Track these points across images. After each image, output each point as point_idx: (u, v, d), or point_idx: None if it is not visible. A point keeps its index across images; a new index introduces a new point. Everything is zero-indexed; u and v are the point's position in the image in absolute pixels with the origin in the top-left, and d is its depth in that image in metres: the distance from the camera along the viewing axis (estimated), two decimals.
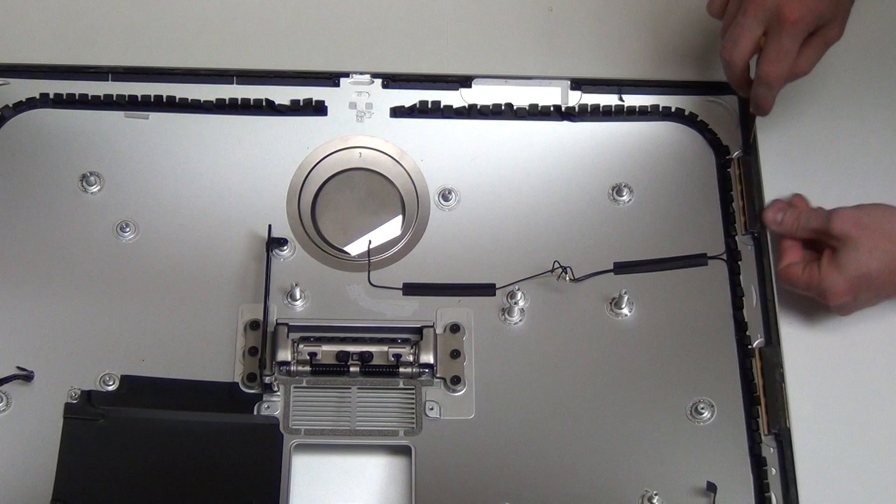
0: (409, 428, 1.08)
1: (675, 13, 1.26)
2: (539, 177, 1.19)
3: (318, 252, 1.16)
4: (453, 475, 1.07)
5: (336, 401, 1.09)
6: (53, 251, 1.14)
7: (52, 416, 1.07)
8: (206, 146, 1.19)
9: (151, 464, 1.06)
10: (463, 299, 1.13)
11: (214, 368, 1.10)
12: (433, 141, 1.20)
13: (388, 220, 1.18)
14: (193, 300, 1.12)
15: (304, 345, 1.10)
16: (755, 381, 1.10)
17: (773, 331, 1.12)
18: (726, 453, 1.08)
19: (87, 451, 1.06)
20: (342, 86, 1.21)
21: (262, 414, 1.08)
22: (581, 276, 1.13)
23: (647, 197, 1.18)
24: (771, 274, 1.14)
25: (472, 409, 1.09)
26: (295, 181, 1.18)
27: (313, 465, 1.07)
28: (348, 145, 1.20)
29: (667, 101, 1.21)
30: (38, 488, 1.04)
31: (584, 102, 1.21)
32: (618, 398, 1.10)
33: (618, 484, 1.07)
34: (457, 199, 1.18)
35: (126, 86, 1.20)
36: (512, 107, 1.21)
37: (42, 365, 1.09)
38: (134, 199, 1.16)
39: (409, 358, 1.10)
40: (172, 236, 1.15)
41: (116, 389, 1.09)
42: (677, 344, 1.12)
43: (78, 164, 1.17)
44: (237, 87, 1.21)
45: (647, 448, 1.08)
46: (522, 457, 1.07)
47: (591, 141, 1.20)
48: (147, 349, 1.10)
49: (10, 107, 1.19)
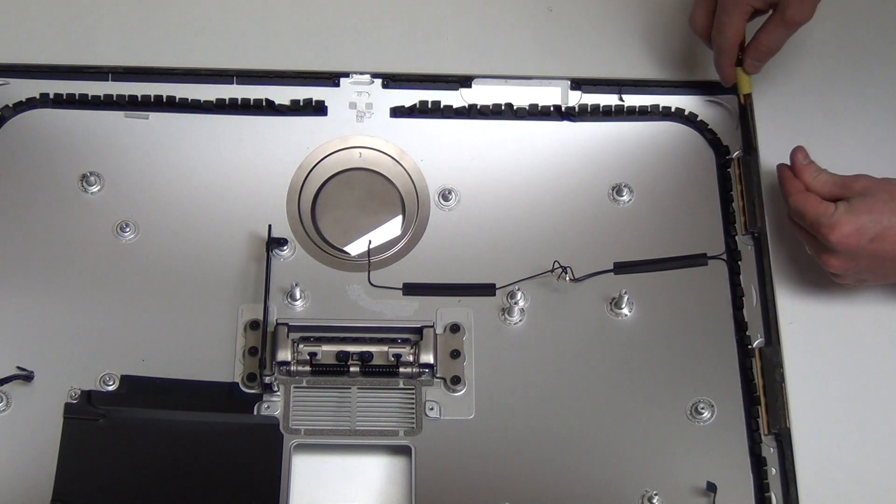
0: (409, 428, 1.08)
1: (675, 13, 1.26)
2: (539, 177, 1.19)
3: (318, 252, 1.16)
4: (453, 475, 1.07)
5: (336, 401, 1.09)
6: (53, 251, 1.14)
7: (52, 416, 1.07)
8: (206, 146, 1.19)
9: (151, 464, 1.06)
10: (463, 299, 1.13)
11: (214, 368, 1.10)
12: (433, 141, 1.20)
13: (388, 220, 1.18)
14: (193, 300, 1.12)
15: (304, 345, 1.10)
16: (755, 381, 1.10)
17: (773, 331, 1.12)
18: (726, 453, 1.08)
19: (87, 451, 1.06)
20: (342, 86, 1.21)
21: (262, 414, 1.08)
22: (581, 276, 1.13)
23: (647, 197, 1.18)
24: (771, 274, 1.14)
25: (472, 409, 1.09)
26: (295, 181, 1.18)
27: (313, 465, 1.08)
28: (348, 145, 1.20)
29: (667, 101, 1.21)
30: (38, 488, 1.04)
31: (584, 102, 1.21)
32: (618, 398, 1.10)
33: (618, 484, 1.07)
34: (457, 199, 1.18)
35: (126, 86, 1.20)
36: (512, 107, 1.21)
37: (42, 365, 1.09)
38: (134, 199, 1.16)
39: (409, 358, 1.10)
40: (172, 236, 1.15)
41: (116, 389, 1.09)
42: (677, 344, 1.12)
43: (78, 164, 1.17)
44: (237, 87, 1.21)
45: (647, 448, 1.08)
46: (522, 457, 1.07)
47: (591, 141, 1.20)
48: (147, 349, 1.10)
49: (10, 107, 1.19)
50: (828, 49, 1.24)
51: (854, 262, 1.07)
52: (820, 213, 1.07)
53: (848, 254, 1.07)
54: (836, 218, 1.06)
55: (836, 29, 1.23)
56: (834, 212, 1.07)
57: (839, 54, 1.24)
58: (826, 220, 1.07)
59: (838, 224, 1.06)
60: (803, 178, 1.11)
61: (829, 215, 1.07)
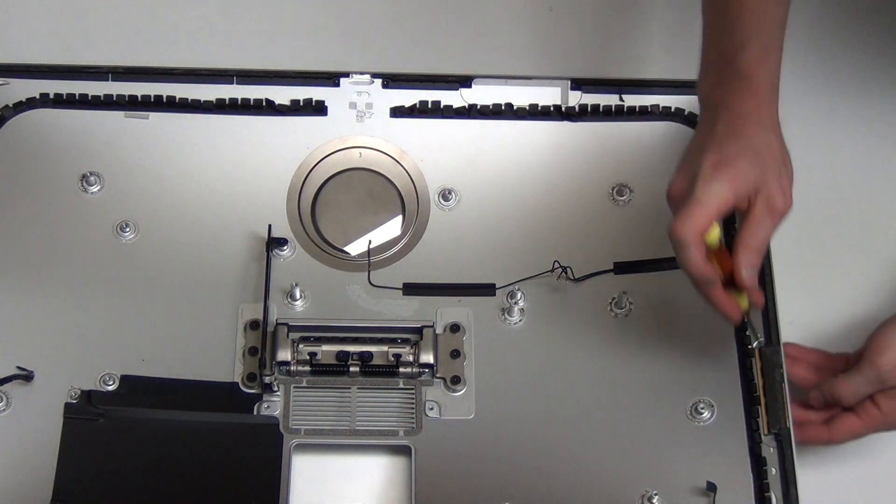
0: (409, 428, 1.08)
1: (675, 13, 1.26)
2: (539, 177, 1.19)
3: (318, 252, 1.16)
4: (453, 475, 1.07)
5: (336, 401, 1.09)
6: (53, 251, 1.14)
7: (52, 416, 1.07)
8: (206, 146, 1.19)
9: (151, 464, 1.06)
10: (463, 299, 1.13)
11: (214, 368, 1.10)
12: (433, 141, 1.20)
13: (388, 220, 1.18)
14: (193, 300, 1.12)
15: (304, 345, 1.10)
16: (755, 381, 1.10)
17: (773, 331, 1.12)
18: (726, 453, 1.08)
19: (87, 451, 1.06)
20: (342, 86, 1.21)
21: (262, 414, 1.08)
22: (581, 276, 1.13)
23: (647, 197, 1.18)
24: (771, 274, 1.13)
25: (472, 408, 1.09)
26: (295, 181, 1.18)
27: (313, 465, 1.07)
28: (348, 145, 1.20)
29: (667, 101, 1.21)
30: (38, 488, 1.04)
31: (584, 102, 1.21)
32: (618, 398, 1.10)
33: (618, 484, 1.07)
34: (457, 199, 1.18)
35: (126, 86, 1.20)
36: (512, 107, 1.21)
37: (42, 365, 1.09)
38: (134, 199, 1.16)
39: (409, 358, 1.10)
40: (172, 236, 1.15)
41: (116, 389, 1.09)
42: (677, 344, 1.12)
43: (78, 164, 1.17)
44: (237, 87, 1.21)
45: (647, 448, 1.08)
46: (522, 457, 1.07)
47: (591, 141, 1.20)
48: (147, 349, 1.10)
49: (10, 107, 1.19)
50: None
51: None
52: (878, 426, 1.06)
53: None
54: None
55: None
56: (885, 412, 1.05)
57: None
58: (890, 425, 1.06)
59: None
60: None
61: (889, 421, 1.06)
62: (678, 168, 1.04)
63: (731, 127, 1.01)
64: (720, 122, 1.02)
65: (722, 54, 1.04)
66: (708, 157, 1.00)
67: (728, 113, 1.02)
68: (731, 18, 1.03)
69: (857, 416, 1.05)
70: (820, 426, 1.05)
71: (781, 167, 1.02)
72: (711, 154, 1.00)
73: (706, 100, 1.05)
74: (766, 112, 1.02)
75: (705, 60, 1.06)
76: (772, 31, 1.03)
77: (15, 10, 1.24)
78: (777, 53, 1.04)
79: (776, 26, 1.04)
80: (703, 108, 1.06)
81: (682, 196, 1.01)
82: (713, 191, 0.99)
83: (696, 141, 1.04)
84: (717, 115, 1.02)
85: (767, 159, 1.00)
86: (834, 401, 1.05)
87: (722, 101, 1.03)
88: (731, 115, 1.02)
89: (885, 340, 1.05)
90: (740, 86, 1.02)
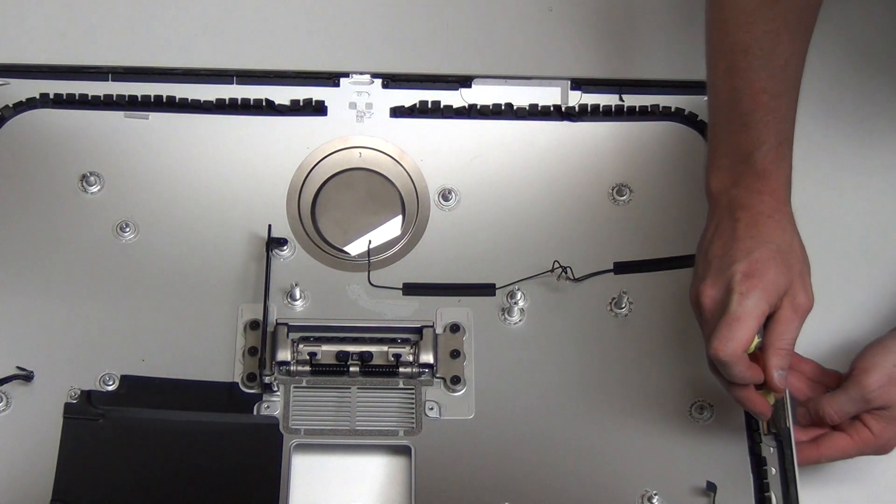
0: (409, 428, 1.08)
1: (675, 13, 1.26)
2: (539, 177, 1.19)
3: (318, 252, 1.16)
4: (453, 475, 1.07)
5: (336, 401, 1.09)
6: (53, 251, 1.14)
7: (52, 416, 1.07)
8: (206, 146, 1.19)
9: (151, 464, 1.06)
10: (463, 299, 1.13)
11: (214, 368, 1.10)
12: (433, 141, 1.20)
13: (388, 220, 1.18)
14: (193, 300, 1.12)
15: (304, 345, 1.10)
16: None
17: None
18: (726, 453, 1.08)
19: (87, 451, 1.06)
20: (342, 86, 1.21)
21: (261, 414, 1.08)
22: (581, 276, 1.13)
23: (647, 197, 1.18)
24: None
25: (472, 408, 1.09)
26: (295, 181, 1.18)
27: (313, 465, 1.07)
28: (348, 145, 1.20)
29: (667, 101, 1.21)
30: (38, 488, 1.04)
31: (584, 102, 1.21)
32: (618, 398, 1.10)
33: (618, 484, 1.07)
34: (457, 199, 1.18)
35: (126, 86, 1.20)
36: (512, 107, 1.21)
37: (42, 365, 1.09)
38: (134, 199, 1.16)
39: (408, 358, 1.10)
40: (172, 236, 1.15)
41: (116, 389, 1.09)
42: (677, 344, 1.12)
43: (78, 164, 1.17)
44: (237, 87, 1.21)
45: (647, 448, 1.08)
46: (522, 457, 1.07)
47: (592, 141, 1.20)
48: (147, 349, 1.10)
49: (10, 107, 1.19)
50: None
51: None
52: (865, 448, 1.05)
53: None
54: (886, 438, 1.05)
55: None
56: (877, 435, 1.05)
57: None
58: (878, 448, 1.06)
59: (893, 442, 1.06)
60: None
61: (880, 444, 1.05)
62: (703, 272, 1.02)
63: (754, 229, 1.01)
64: (741, 225, 1.01)
65: (735, 150, 1.03)
66: (739, 267, 1.00)
67: (747, 214, 1.02)
68: (744, 114, 1.02)
69: (847, 435, 1.05)
70: (808, 444, 1.05)
71: (803, 266, 1.02)
72: (741, 263, 1.00)
73: (719, 196, 1.04)
74: (784, 210, 1.03)
75: (715, 153, 1.05)
76: (785, 126, 1.03)
77: (15, 10, 1.24)
78: (790, 148, 1.04)
79: (788, 121, 1.03)
80: (715, 204, 1.05)
81: (716, 308, 1.01)
82: (751, 305, 0.99)
83: (716, 243, 1.03)
84: (737, 217, 1.02)
85: (793, 262, 1.01)
86: (819, 419, 1.05)
87: (739, 202, 1.02)
88: (751, 216, 1.02)
89: (870, 361, 1.05)
90: (757, 184, 1.02)
